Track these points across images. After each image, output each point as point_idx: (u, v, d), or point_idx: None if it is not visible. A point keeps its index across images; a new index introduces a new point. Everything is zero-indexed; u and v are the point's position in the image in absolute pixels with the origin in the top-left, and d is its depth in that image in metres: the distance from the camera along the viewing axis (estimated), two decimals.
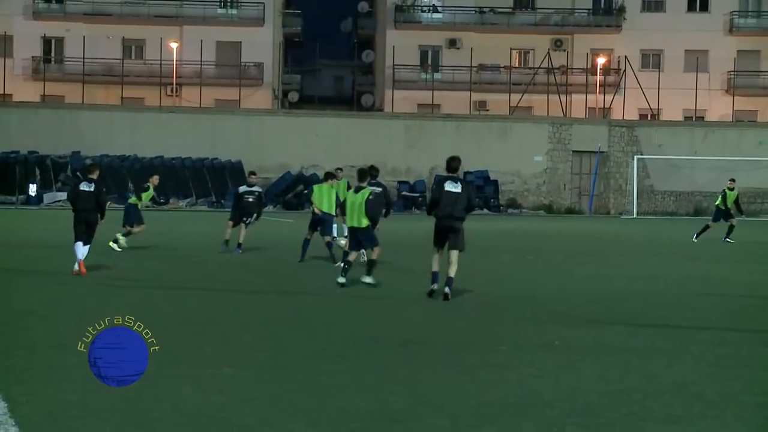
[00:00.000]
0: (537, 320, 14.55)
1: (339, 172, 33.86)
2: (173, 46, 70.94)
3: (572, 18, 75.89)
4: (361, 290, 18.22)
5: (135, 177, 61.28)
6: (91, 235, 20.09)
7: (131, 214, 27.13)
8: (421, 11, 76.49)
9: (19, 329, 12.99)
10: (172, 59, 71.05)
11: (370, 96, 78.54)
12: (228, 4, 75.47)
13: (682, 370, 10.75)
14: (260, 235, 33.08)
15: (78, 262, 19.69)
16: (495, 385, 9.82)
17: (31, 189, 59.44)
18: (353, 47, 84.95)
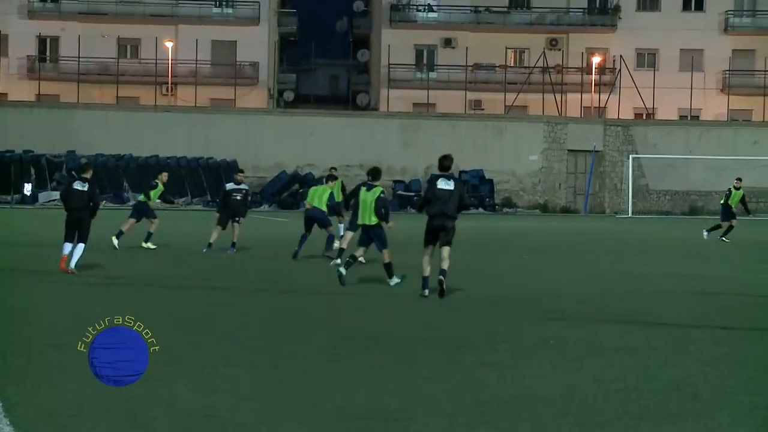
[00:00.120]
0: (532, 319, 14.55)
1: (334, 171, 33.92)
2: (168, 45, 70.90)
3: (567, 17, 75.94)
4: (357, 288, 18.21)
5: (130, 176, 61.36)
6: (85, 235, 20.07)
7: (141, 211, 27.09)
8: (417, 10, 76.50)
9: (14, 328, 12.96)
10: (168, 58, 70.99)
11: (365, 95, 78.55)
12: (223, 3, 75.42)
13: (678, 369, 10.74)
14: (255, 234, 33.07)
15: (68, 270, 19.66)
16: (491, 384, 9.82)
17: (26, 188, 59.42)
18: (348, 46, 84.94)
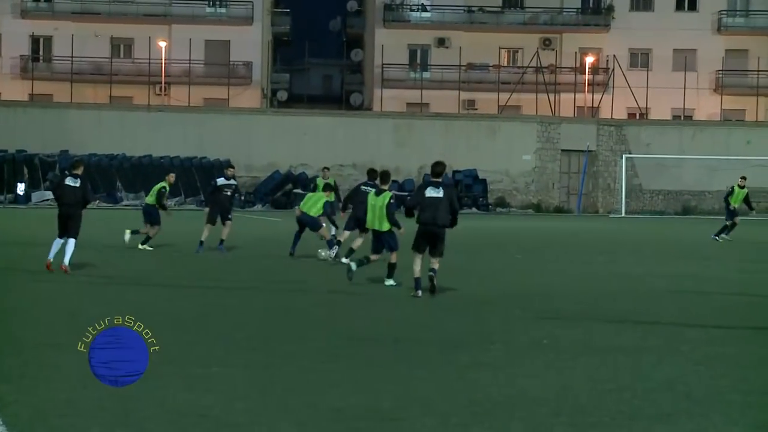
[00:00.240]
0: (526, 319, 14.57)
1: (326, 171, 33.93)
2: (162, 44, 70.76)
3: (561, 17, 75.92)
4: (351, 288, 18.21)
5: (123, 176, 61.31)
6: (75, 230, 20.05)
7: (149, 213, 27.04)
8: (410, 10, 76.45)
9: (7, 328, 12.95)
10: (161, 58, 70.88)
11: (358, 95, 78.52)
12: (216, 2, 75.29)
13: (671, 369, 10.76)
14: (249, 234, 33.09)
15: (61, 267, 19.66)
16: (484, 384, 9.83)
17: (20, 188, 59.28)
18: (342, 46, 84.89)
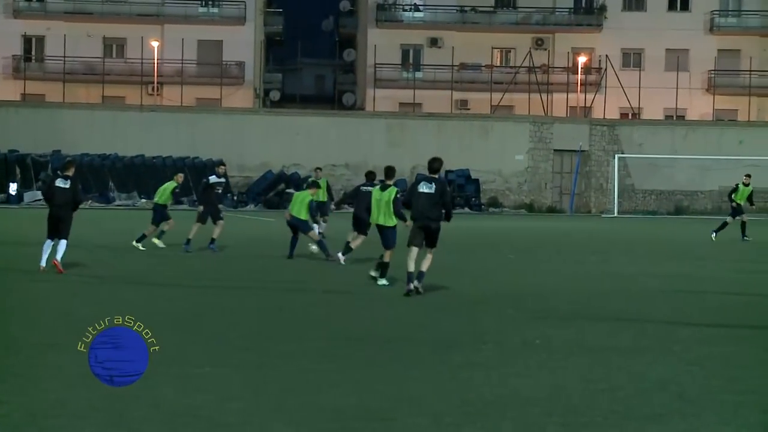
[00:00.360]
0: (518, 319, 14.56)
1: (318, 171, 33.91)
2: (154, 44, 70.69)
3: (553, 17, 75.96)
4: (345, 288, 18.21)
5: (116, 176, 61.18)
6: (65, 232, 20.02)
7: (158, 213, 26.99)
8: (403, 10, 76.45)
9: None
10: (153, 58, 70.82)
11: (351, 95, 78.48)
12: (209, 2, 75.22)
13: (664, 369, 10.76)
14: (241, 233, 33.06)
15: (53, 261, 19.64)
16: (477, 384, 9.81)
17: (11, 188, 59.18)
18: (335, 46, 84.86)
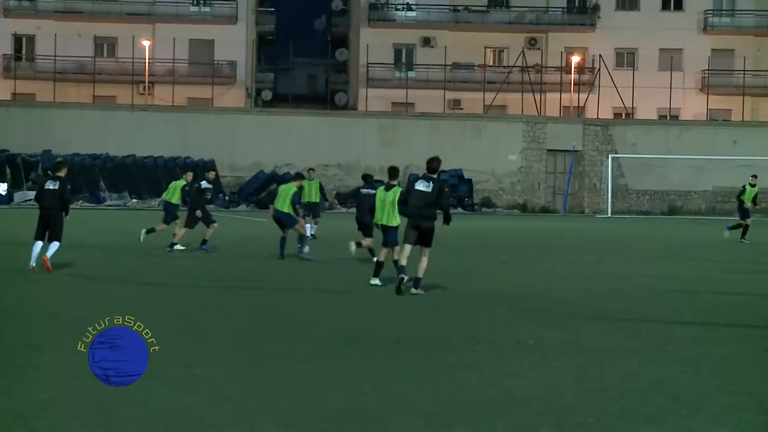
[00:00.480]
0: (512, 319, 14.53)
1: (311, 172, 33.92)
2: (145, 44, 70.62)
3: (547, 16, 76.01)
4: (338, 288, 18.18)
5: (107, 176, 61.08)
6: (56, 233, 19.99)
7: (169, 213, 26.94)
8: (396, 9, 76.46)
9: None
10: (145, 57, 70.73)
11: (343, 94, 78.47)
12: (201, 1, 75.17)
13: (658, 369, 10.73)
14: (233, 234, 33.02)
15: (43, 257, 19.62)
16: (470, 384, 9.77)
17: (2, 188, 59.09)
18: (327, 45, 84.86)
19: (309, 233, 31.52)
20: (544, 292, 17.99)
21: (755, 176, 36.14)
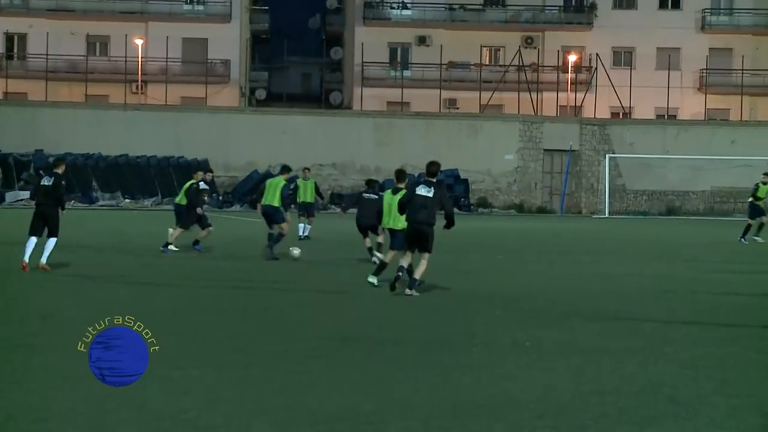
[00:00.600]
0: (508, 320, 14.48)
1: (306, 171, 33.87)
2: (138, 42, 70.48)
3: (543, 15, 76.02)
4: (333, 288, 18.14)
5: (99, 175, 60.93)
6: (54, 229, 19.94)
7: (180, 214, 26.84)
8: (391, 8, 76.44)
9: None
10: (137, 56, 70.59)
11: (338, 94, 78.46)
12: (194, 0, 75.05)
13: (655, 371, 10.67)
14: (227, 234, 32.98)
15: (39, 265, 19.57)
16: (466, 386, 9.72)
17: None
18: (322, 44, 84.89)
19: (302, 234, 31.49)
20: (540, 293, 17.97)
21: (767, 174, 36.23)
